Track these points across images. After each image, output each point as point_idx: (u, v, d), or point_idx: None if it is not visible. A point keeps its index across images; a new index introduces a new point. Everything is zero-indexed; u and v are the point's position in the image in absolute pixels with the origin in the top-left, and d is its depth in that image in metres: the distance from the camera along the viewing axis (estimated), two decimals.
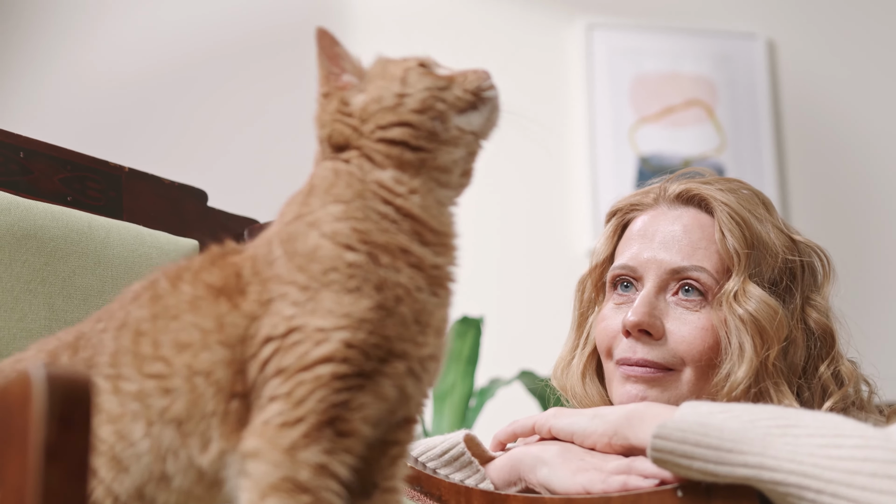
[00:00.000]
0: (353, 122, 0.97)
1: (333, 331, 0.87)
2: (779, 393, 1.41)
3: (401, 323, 0.90)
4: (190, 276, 0.94)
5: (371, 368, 0.88)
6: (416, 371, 0.92)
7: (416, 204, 0.95)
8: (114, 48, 3.32)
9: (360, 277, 0.89)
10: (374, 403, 0.89)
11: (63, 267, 1.31)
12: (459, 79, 0.99)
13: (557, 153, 3.52)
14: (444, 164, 0.97)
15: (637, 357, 1.44)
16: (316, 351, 0.86)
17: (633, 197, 1.59)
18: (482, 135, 1.00)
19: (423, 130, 0.95)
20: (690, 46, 3.65)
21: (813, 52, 3.72)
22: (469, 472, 1.38)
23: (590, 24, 3.59)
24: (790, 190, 3.59)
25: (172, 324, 0.90)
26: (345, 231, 0.91)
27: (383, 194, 0.95)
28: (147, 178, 1.53)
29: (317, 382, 0.86)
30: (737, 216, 1.46)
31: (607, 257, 1.58)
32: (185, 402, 0.88)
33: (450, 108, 0.96)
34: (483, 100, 0.99)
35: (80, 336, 0.95)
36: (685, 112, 3.61)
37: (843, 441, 1.07)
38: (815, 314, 1.47)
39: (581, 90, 3.55)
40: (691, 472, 1.09)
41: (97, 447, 0.86)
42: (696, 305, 1.45)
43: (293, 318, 0.87)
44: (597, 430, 1.30)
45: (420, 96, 0.96)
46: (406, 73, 0.97)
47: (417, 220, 0.94)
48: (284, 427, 0.85)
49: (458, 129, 0.97)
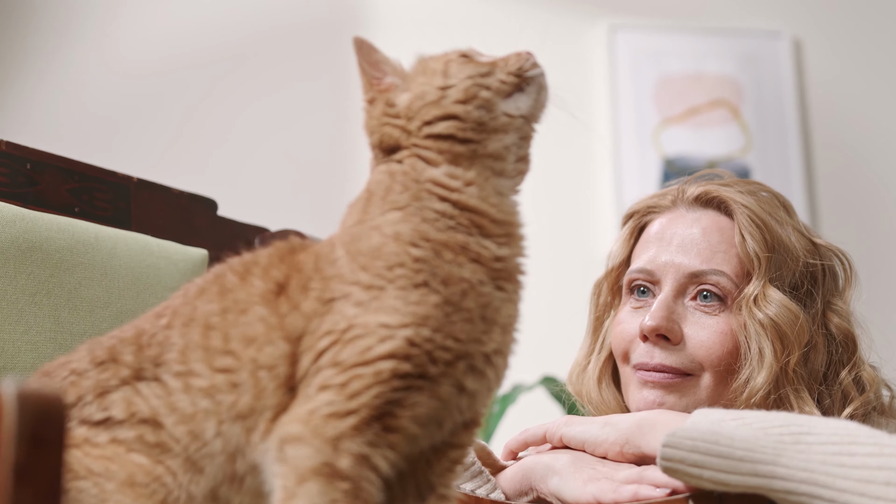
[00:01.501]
0: (401, 123, 0.96)
1: (399, 328, 0.86)
2: (799, 399, 1.38)
3: (466, 319, 0.89)
4: (259, 270, 0.93)
5: (436, 372, 0.87)
6: (479, 367, 0.91)
7: (473, 195, 0.94)
8: (122, 58, 3.33)
9: (427, 272, 0.88)
10: (427, 402, 0.88)
11: (69, 278, 1.30)
12: (501, 63, 0.97)
13: (581, 155, 3.49)
14: (496, 152, 0.95)
15: (655, 362, 1.42)
16: (380, 347, 0.86)
17: (651, 199, 1.56)
18: (532, 117, 0.98)
19: (469, 121, 0.94)
20: (714, 46, 3.61)
21: (839, 49, 3.67)
22: (480, 482, 1.36)
23: (612, 26, 3.56)
24: (817, 190, 3.54)
25: (241, 318, 0.90)
26: (407, 231, 0.90)
27: (439, 192, 0.93)
28: (156, 187, 1.53)
29: (376, 378, 0.85)
30: (757, 219, 1.43)
31: (624, 260, 1.55)
32: (250, 397, 0.87)
33: (495, 94, 0.95)
34: (527, 80, 0.97)
35: (142, 333, 0.93)
36: (710, 113, 3.57)
37: (857, 449, 1.04)
38: (836, 319, 1.45)
39: (604, 92, 3.52)
40: (702, 482, 1.07)
41: (172, 448, 0.86)
42: (716, 310, 1.42)
43: (355, 317, 0.87)
44: (608, 438, 1.28)
45: (463, 86, 0.95)
46: (447, 65, 0.96)
47: (476, 211, 0.93)
48: (333, 417, 0.84)
49: (506, 115, 0.96)
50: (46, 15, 3.31)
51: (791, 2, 3.69)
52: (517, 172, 0.99)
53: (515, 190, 0.98)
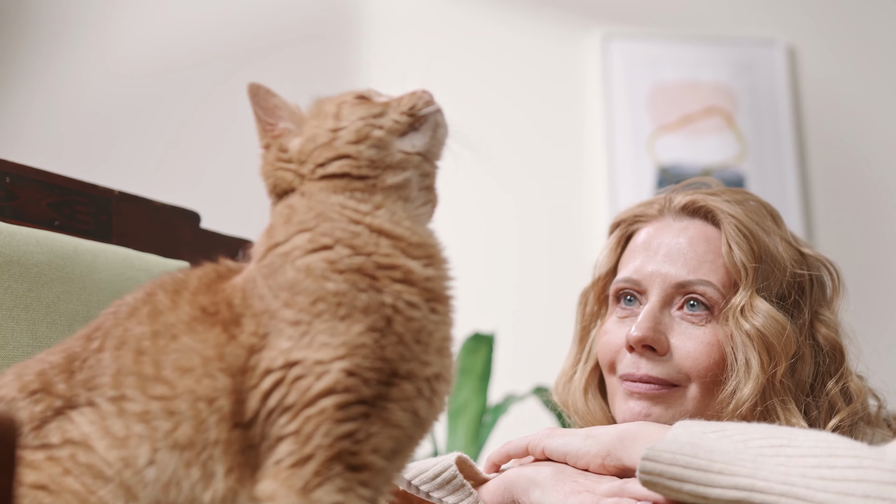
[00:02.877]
0: (293, 167, 0.98)
1: (332, 362, 0.87)
2: (786, 411, 1.37)
3: (398, 342, 0.89)
4: (188, 295, 0.93)
5: (374, 394, 0.88)
6: (426, 392, 0.91)
7: (385, 219, 0.94)
8: (102, 71, 3.32)
9: (346, 304, 0.88)
10: (384, 432, 0.88)
11: (47, 293, 1.29)
12: (394, 103, 0.98)
13: (575, 163, 3.48)
14: (397, 185, 0.96)
15: (641, 373, 1.41)
16: (318, 385, 0.86)
17: (638, 208, 1.55)
18: (430, 154, 0.99)
19: (362, 159, 0.95)
20: (709, 54, 3.61)
21: (834, 57, 3.66)
22: (462, 496, 1.35)
23: (606, 34, 3.56)
24: (813, 198, 3.53)
25: (173, 344, 0.90)
26: (317, 263, 0.90)
27: (349, 214, 0.94)
28: (138, 200, 1.52)
29: (322, 416, 0.86)
30: (744, 228, 1.42)
31: (610, 270, 1.54)
32: (189, 427, 0.86)
33: (388, 133, 0.96)
34: (421, 119, 0.98)
35: (72, 357, 0.92)
36: (704, 121, 3.56)
37: (837, 461, 1.03)
38: (824, 329, 1.43)
39: (598, 100, 3.52)
40: (681, 495, 1.06)
41: (104, 472, 0.85)
42: (702, 320, 1.41)
43: (290, 350, 0.87)
44: (590, 450, 1.27)
45: (354, 127, 0.96)
46: (340, 107, 0.98)
47: (391, 234, 0.93)
48: (296, 466, 0.85)
49: (401, 153, 0.96)
50: (22, 29, 3.30)
51: (785, 9, 3.69)
52: (424, 202, 1.00)
53: (426, 219, 0.99)
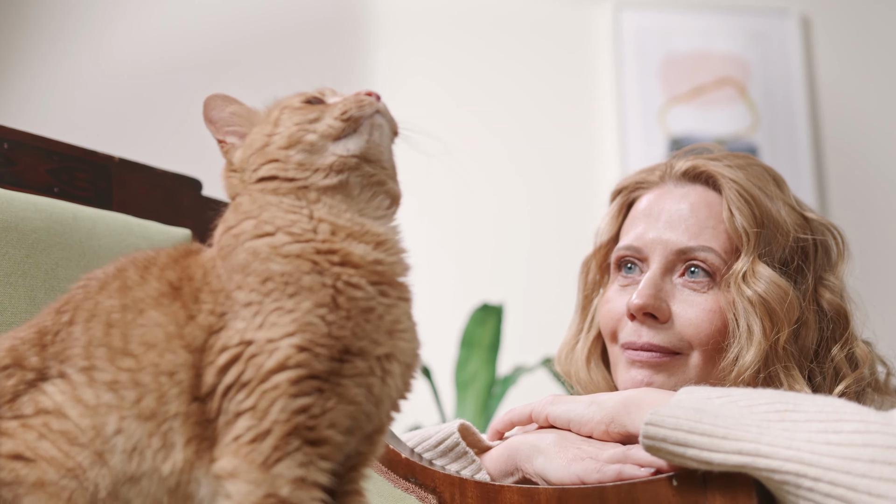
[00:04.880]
0: (238, 175, 1.02)
1: (282, 339, 0.89)
2: (789, 377, 1.35)
3: (346, 319, 0.92)
4: (157, 270, 0.97)
5: (326, 369, 0.90)
6: (377, 371, 0.93)
7: (323, 211, 0.97)
8: (104, 38, 3.32)
9: (293, 283, 0.91)
10: (340, 407, 0.91)
11: (46, 259, 1.28)
12: (332, 108, 1.00)
13: (586, 136, 3.45)
14: (334, 186, 0.98)
15: (642, 341, 1.40)
16: (270, 361, 0.89)
17: (639, 174, 1.53)
18: (369, 155, 1.00)
19: (290, 163, 0.98)
20: (721, 24, 3.57)
21: (848, 27, 3.61)
22: (465, 463, 1.34)
23: (618, 4, 3.52)
24: (825, 168, 3.50)
25: (140, 318, 0.93)
26: (262, 248, 0.93)
27: (286, 207, 0.97)
28: (138, 167, 1.50)
29: (276, 392, 0.89)
30: (746, 193, 1.40)
31: (612, 237, 1.53)
32: (152, 400, 0.90)
33: (322, 138, 0.99)
34: (358, 123, 1.00)
35: (43, 331, 0.95)
36: (717, 91, 3.53)
37: (843, 426, 1.02)
38: (828, 294, 1.41)
39: (609, 71, 3.49)
40: (685, 461, 1.05)
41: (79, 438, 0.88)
42: (704, 287, 1.39)
43: (245, 330, 0.90)
44: (594, 417, 1.26)
45: (287, 132, 0.99)
46: (281, 112, 1.01)
47: (328, 223, 0.96)
48: (255, 442, 0.88)
49: (335, 156, 0.98)
50: (32, 5, 3.29)
51: None
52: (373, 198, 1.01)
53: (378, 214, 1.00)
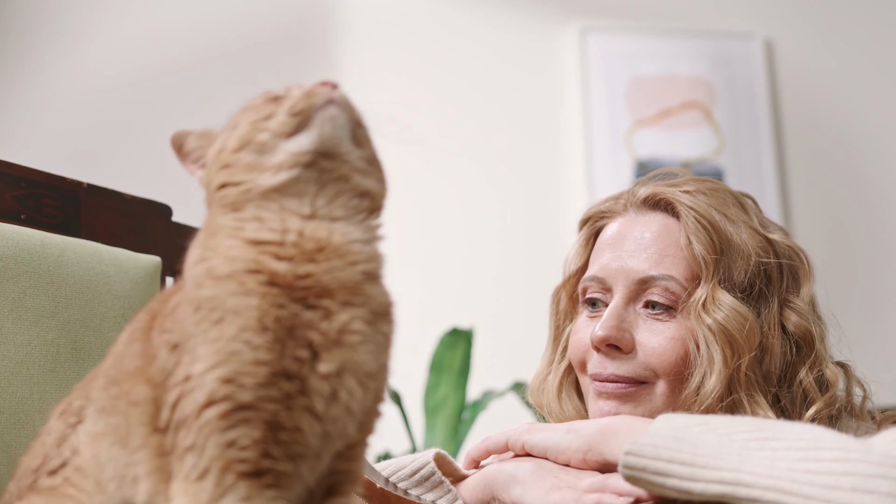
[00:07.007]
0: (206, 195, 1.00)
1: (208, 371, 0.87)
2: (753, 403, 1.35)
3: (275, 339, 0.87)
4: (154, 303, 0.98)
5: (252, 398, 0.86)
6: (322, 390, 0.89)
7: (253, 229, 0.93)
8: (71, 62, 3.28)
9: (219, 308, 0.88)
10: (273, 435, 0.87)
11: (13, 288, 1.25)
12: (283, 103, 0.96)
13: (553, 159, 3.46)
14: (282, 186, 0.94)
15: (608, 373, 1.39)
16: (199, 397, 0.87)
17: (605, 203, 1.53)
18: (326, 149, 0.95)
19: (238, 166, 0.95)
20: (686, 48, 3.60)
21: (811, 50, 3.66)
22: (441, 493, 1.32)
23: (584, 28, 3.54)
24: (791, 190, 3.53)
25: (128, 349, 0.95)
26: (199, 273, 0.91)
27: (226, 231, 0.94)
28: (107, 193, 1.48)
29: (208, 428, 0.86)
30: (704, 220, 1.40)
31: (581, 267, 1.52)
32: (126, 428, 0.90)
33: (274, 136, 0.94)
34: (310, 117, 0.94)
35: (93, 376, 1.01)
36: (682, 114, 3.55)
37: (823, 454, 1.01)
38: (794, 317, 1.41)
39: (576, 94, 3.50)
40: (665, 490, 1.04)
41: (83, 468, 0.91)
42: (666, 315, 1.39)
43: (189, 364, 0.89)
44: (571, 445, 1.25)
45: (239, 133, 0.95)
46: (239, 115, 0.97)
47: (263, 242, 0.92)
48: (199, 480, 0.86)
49: (287, 153, 0.93)
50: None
51: (763, 3, 3.69)
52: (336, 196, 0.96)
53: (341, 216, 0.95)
